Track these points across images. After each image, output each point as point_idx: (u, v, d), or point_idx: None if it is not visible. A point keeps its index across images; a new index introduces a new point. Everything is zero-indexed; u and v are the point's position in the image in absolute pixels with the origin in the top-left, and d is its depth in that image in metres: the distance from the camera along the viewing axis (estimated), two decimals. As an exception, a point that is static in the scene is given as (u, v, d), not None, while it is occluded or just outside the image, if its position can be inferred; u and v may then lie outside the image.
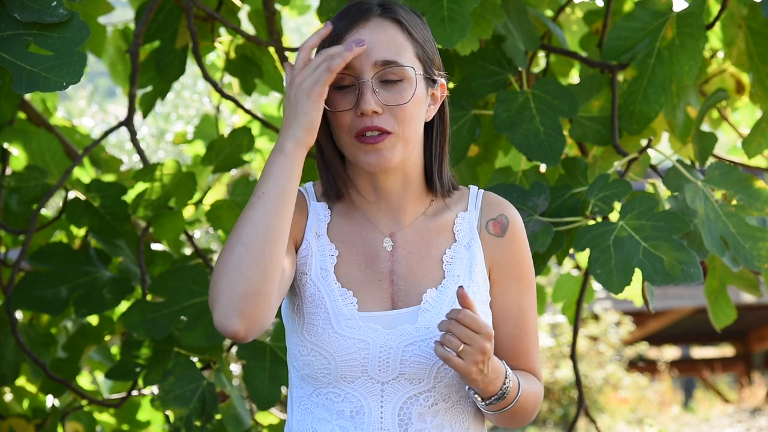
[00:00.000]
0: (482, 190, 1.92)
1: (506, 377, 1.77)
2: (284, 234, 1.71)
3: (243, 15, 3.83)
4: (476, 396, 1.78)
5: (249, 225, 1.69)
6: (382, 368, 1.77)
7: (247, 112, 3.19)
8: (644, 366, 15.88)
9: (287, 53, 3.29)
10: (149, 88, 3.38)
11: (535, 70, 3.16)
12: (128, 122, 3.02)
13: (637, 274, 2.44)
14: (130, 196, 2.96)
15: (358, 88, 1.76)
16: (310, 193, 1.90)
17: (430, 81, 1.84)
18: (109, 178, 3.63)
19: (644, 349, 14.25)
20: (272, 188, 1.71)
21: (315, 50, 1.80)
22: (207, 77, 3.03)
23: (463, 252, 1.85)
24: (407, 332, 1.77)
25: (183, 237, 3.54)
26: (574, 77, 3.48)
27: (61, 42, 1.94)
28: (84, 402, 3.28)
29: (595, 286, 3.73)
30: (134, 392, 3.07)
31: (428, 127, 1.87)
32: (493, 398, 1.77)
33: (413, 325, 1.78)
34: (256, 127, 4.06)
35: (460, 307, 1.72)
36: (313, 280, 1.81)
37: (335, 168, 1.85)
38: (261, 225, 1.69)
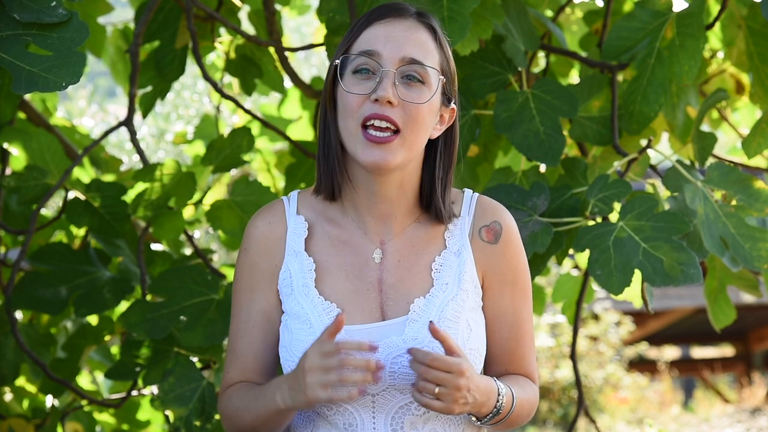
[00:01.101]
0: (476, 195, 1.91)
1: (499, 394, 1.77)
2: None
3: (243, 15, 3.83)
4: (472, 417, 1.78)
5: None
6: None
7: (247, 112, 3.18)
8: (644, 366, 15.88)
9: (287, 53, 3.28)
10: (149, 88, 3.37)
11: (535, 70, 3.16)
12: (128, 122, 3.02)
13: (637, 275, 2.44)
14: (130, 196, 2.96)
15: (379, 76, 1.76)
16: (293, 204, 1.89)
17: (446, 99, 1.83)
18: (109, 178, 3.63)
19: (644, 349, 14.24)
20: (265, 424, 1.80)
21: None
22: (207, 77, 3.02)
23: (453, 259, 1.84)
24: (395, 344, 1.76)
25: (183, 237, 3.53)
26: (574, 77, 3.48)
27: (61, 42, 1.94)
28: (84, 402, 3.27)
29: (595, 286, 3.72)
30: (134, 392, 3.07)
31: (430, 146, 1.85)
32: (488, 416, 1.78)
33: (400, 337, 1.77)
34: (256, 127, 4.05)
35: (433, 338, 1.72)
36: (297, 298, 1.81)
37: (335, 162, 1.83)
38: None
